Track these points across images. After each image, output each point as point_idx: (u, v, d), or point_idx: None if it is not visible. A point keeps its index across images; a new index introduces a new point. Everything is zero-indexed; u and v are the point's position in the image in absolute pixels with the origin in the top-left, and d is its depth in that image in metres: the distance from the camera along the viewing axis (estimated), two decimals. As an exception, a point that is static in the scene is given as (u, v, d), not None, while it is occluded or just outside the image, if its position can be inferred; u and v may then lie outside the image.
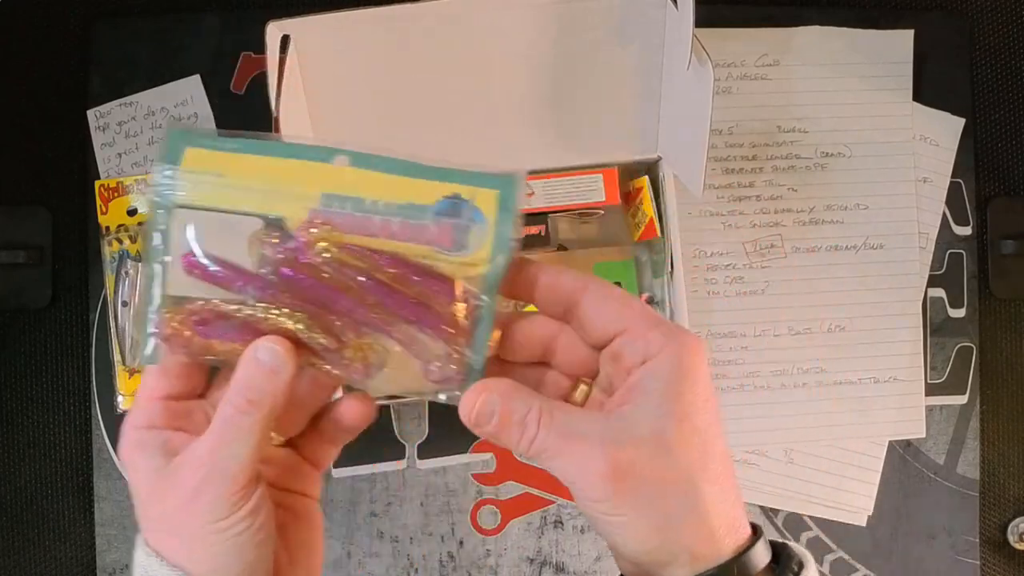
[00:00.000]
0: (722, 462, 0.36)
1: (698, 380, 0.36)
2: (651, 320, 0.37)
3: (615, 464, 0.35)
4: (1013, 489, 0.76)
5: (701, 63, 0.57)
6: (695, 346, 0.37)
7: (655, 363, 0.36)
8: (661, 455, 0.35)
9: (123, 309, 0.68)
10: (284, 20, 0.56)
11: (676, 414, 0.35)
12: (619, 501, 0.35)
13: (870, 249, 0.75)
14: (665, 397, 0.36)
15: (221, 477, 0.36)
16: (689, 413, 0.36)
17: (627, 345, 0.37)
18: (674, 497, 0.35)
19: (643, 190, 0.68)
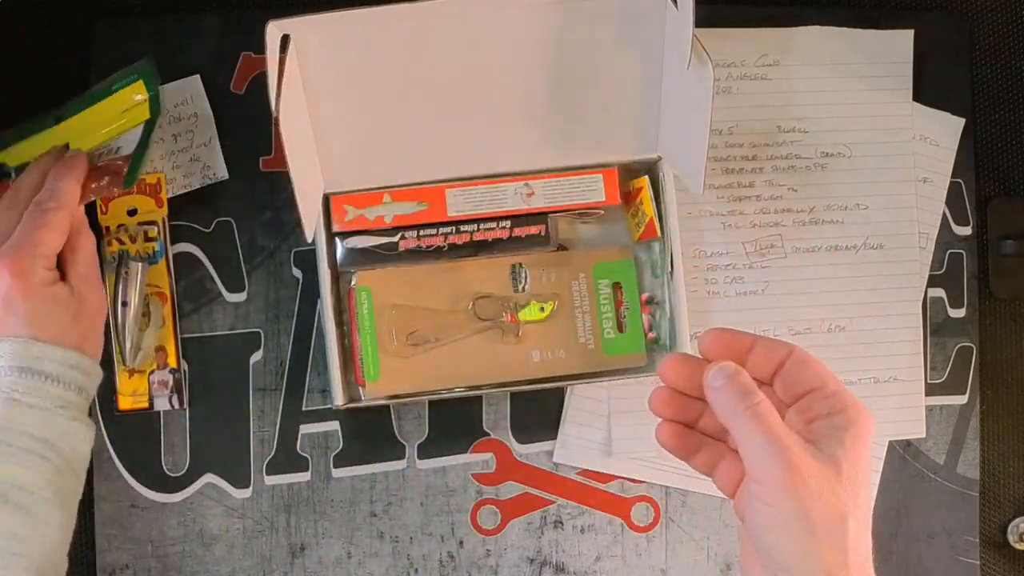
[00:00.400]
0: (867, 508, 0.43)
1: (867, 442, 0.44)
2: (841, 384, 0.45)
3: (798, 463, 0.41)
4: (1013, 489, 0.76)
5: (701, 63, 0.57)
6: (870, 416, 0.44)
7: (839, 417, 0.43)
8: (832, 479, 0.42)
9: (123, 309, 0.68)
10: (284, 20, 0.56)
11: (850, 458, 0.42)
12: (788, 498, 0.41)
13: (870, 249, 0.75)
14: (845, 440, 0.43)
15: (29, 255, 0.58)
16: (858, 462, 0.43)
17: (817, 401, 0.44)
18: (828, 519, 0.41)
19: (643, 190, 0.68)
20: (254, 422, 0.71)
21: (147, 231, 0.70)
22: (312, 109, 0.63)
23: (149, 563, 0.70)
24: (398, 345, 0.68)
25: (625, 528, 0.73)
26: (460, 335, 0.67)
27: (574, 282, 0.69)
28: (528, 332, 0.67)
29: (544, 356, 0.68)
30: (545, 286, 0.68)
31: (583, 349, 0.69)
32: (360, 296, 0.68)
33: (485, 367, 0.68)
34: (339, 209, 0.67)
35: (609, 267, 0.70)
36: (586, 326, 0.69)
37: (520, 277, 0.67)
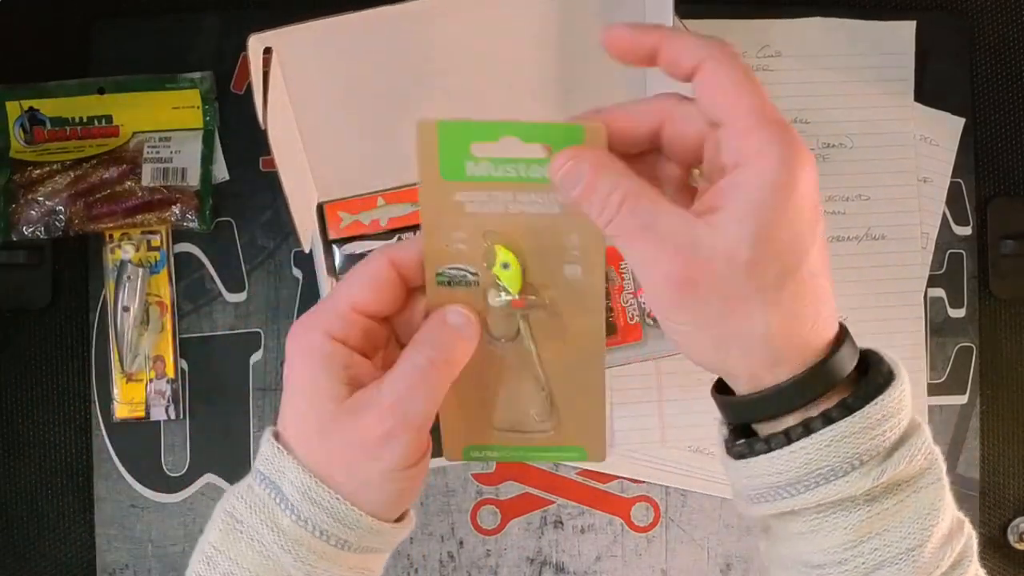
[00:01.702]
0: (803, 283, 0.34)
1: (791, 197, 0.33)
2: (759, 118, 0.33)
3: (684, 272, 0.33)
4: (1013, 489, 0.76)
5: None
6: (798, 159, 0.33)
7: (745, 172, 0.33)
8: (731, 275, 0.33)
9: (123, 314, 0.68)
10: (265, 32, 0.56)
11: (756, 235, 0.33)
12: (682, 310, 0.34)
13: (872, 240, 0.75)
14: (746, 215, 0.33)
15: (405, 429, 0.37)
16: (771, 234, 0.33)
17: (726, 142, 0.34)
18: (736, 319, 0.34)
19: None
20: (254, 422, 0.71)
21: (150, 240, 0.70)
22: (300, 119, 0.63)
23: (149, 563, 0.70)
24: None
25: (625, 528, 0.73)
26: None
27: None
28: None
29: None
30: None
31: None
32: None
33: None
34: (334, 216, 0.67)
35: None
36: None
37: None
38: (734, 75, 0.34)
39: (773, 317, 0.34)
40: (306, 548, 0.37)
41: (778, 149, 0.33)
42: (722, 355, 0.35)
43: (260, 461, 0.39)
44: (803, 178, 0.33)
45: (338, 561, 0.38)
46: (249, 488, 0.38)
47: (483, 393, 0.42)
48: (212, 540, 0.38)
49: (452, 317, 0.38)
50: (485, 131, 0.37)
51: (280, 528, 0.37)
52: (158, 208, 0.69)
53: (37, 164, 0.69)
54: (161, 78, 0.70)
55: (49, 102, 0.69)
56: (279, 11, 0.58)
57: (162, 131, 0.70)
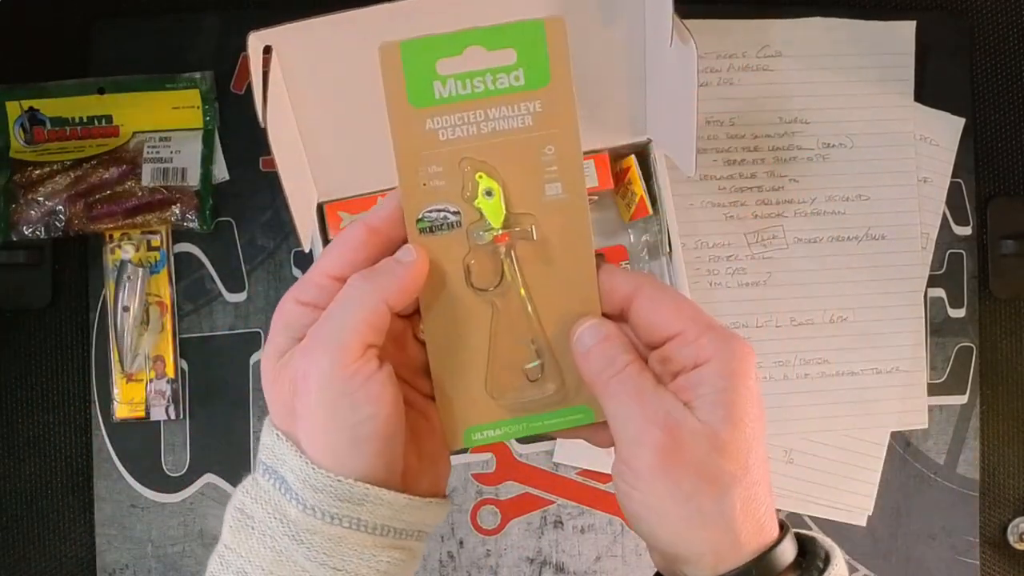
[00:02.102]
0: (761, 466, 0.37)
1: (748, 386, 0.37)
2: (703, 325, 0.37)
3: (669, 442, 0.36)
4: (1013, 489, 0.76)
5: (684, 41, 0.57)
6: (744, 352, 0.37)
7: (707, 369, 0.37)
8: (712, 455, 0.36)
9: (123, 314, 0.68)
10: (264, 30, 0.56)
11: (731, 419, 0.36)
12: (662, 478, 0.36)
13: (872, 239, 0.75)
14: (719, 403, 0.36)
15: (325, 350, 0.36)
16: (740, 418, 0.36)
17: (678, 350, 0.37)
18: (710, 498, 0.36)
19: (631, 169, 0.68)
20: (254, 422, 0.71)
21: (150, 240, 0.70)
22: (300, 119, 0.63)
23: (149, 563, 0.70)
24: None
25: (625, 528, 0.73)
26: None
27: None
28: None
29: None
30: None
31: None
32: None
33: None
34: (334, 217, 0.67)
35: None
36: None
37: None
38: (671, 294, 0.39)
39: (739, 498, 0.36)
40: (321, 536, 0.36)
41: (727, 345, 0.37)
42: (690, 531, 0.36)
43: (262, 450, 0.38)
44: (751, 366, 0.37)
45: (359, 546, 0.37)
46: (255, 481, 0.38)
47: (474, 358, 0.40)
48: (224, 538, 0.38)
49: (399, 252, 0.38)
50: (449, 44, 0.36)
51: (289, 519, 0.36)
52: (158, 208, 0.69)
53: (37, 164, 0.69)
54: (161, 78, 0.70)
55: (49, 102, 0.69)
56: (279, 11, 0.58)
57: (162, 131, 0.70)
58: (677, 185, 0.69)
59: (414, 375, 0.41)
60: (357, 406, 0.36)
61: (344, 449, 0.36)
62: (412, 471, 0.39)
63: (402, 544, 0.38)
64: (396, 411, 0.37)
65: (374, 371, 0.36)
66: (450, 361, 0.39)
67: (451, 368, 0.39)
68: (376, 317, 0.36)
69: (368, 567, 0.37)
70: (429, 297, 0.39)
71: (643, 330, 0.39)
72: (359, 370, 0.36)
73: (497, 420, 0.41)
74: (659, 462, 0.36)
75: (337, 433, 0.36)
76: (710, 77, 0.74)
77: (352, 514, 0.36)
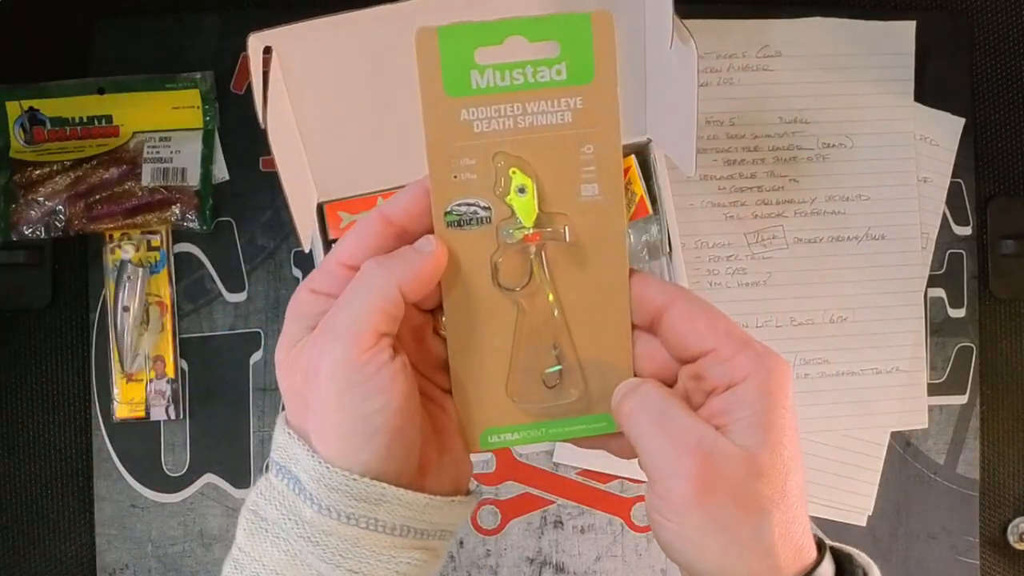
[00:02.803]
0: (798, 489, 0.36)
1: (786, 407, 0.36)
2: (738, 342, 0.36)
3: (705, 472, 0.34)
4: (1013, 489, 0.76)
5: (683, 42, 0.57)
6: (782, 371, 0.36)
7: (743, 389, 0.35)
8: (749, 481, 0.34)
9: (123, 314, 0.68)
10: (264, 31, 0.56)
11: (769, 443, 0.35)
12: (697, 511, 0.34)
13: (872, 240, 0.75)
14: (756, 425, 0.35)
15: (335, 338, 0.34)
16: (779, 441, 0.35)
17: (711, 367, 0.36)
18: (748, 525, 0.35)
19: (631, 169, 0.68)
20: (254, 422, 0.71)
21: (150, 240, 0.70)
22: (300, 119, 0.63)
23: (149, 563, 0.70)
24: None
25: (625, 528, 0.73)
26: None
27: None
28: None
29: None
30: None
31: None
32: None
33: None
34: (334, 217, 0.67)
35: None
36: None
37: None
38: (702, 308, 0.37)
39: (777, 523, 0.35)
40: (337, 537, 0.35)
41: (764, 364, 0.36)
42: (729, 560, 0.35)
43: (275, 449, 0.37)
44: (789, 386, 0.36)
45: (377, 547, 0.35)
46: (268, 481, 0.36)
47: (496, 358, 0.38)
48: (238, 541, 0.37)
49: (419, 242, 0.36)
50: (489, 33, 0.35)
51: (303, 520, 0.35)
52: (158, 208, 0.69)
53: (37, 164, 0.69)
54: (161, 78, 0.70)
55: (49, 102, 0.69)
56: (279, 11, 0.58)
57: (162, 131, 0.70)
58: (677, 185, 0.69)
59: (433, 371, 0.39)
60: (368, 396, 0.34)
61: (355, 441, 0.34)
62: (433, 467, 0.38)
63: (423, 544, 0.37)
64: (409, 403, 0.35)
65: (386, 361, 0.34)
66: (470, 360, 0.38)
67: (471, 367, 0.38)
68: (390, 304, 0.35)
69: (386, 568, 0.35)
70: (452, 292, 0.37)
71: (675, 344, 0.37)
72: (371, 359, 0.34)
73: (516, 424, 0.39)
74: (694, 493, 0.34)
75: (347, 424, 0.34)
76: (710, 77, 0.74)
77: (369, 514, 0.35)
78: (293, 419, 0.36)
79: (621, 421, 0.37)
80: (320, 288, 0.36)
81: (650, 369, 0.38)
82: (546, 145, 0.36)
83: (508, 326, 0.38)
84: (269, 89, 0.55)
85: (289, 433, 0.36)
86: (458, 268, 0.37)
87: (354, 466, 0.34)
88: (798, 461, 0.36)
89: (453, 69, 0.35)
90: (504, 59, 0.35)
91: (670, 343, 0.37)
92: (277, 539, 0.35)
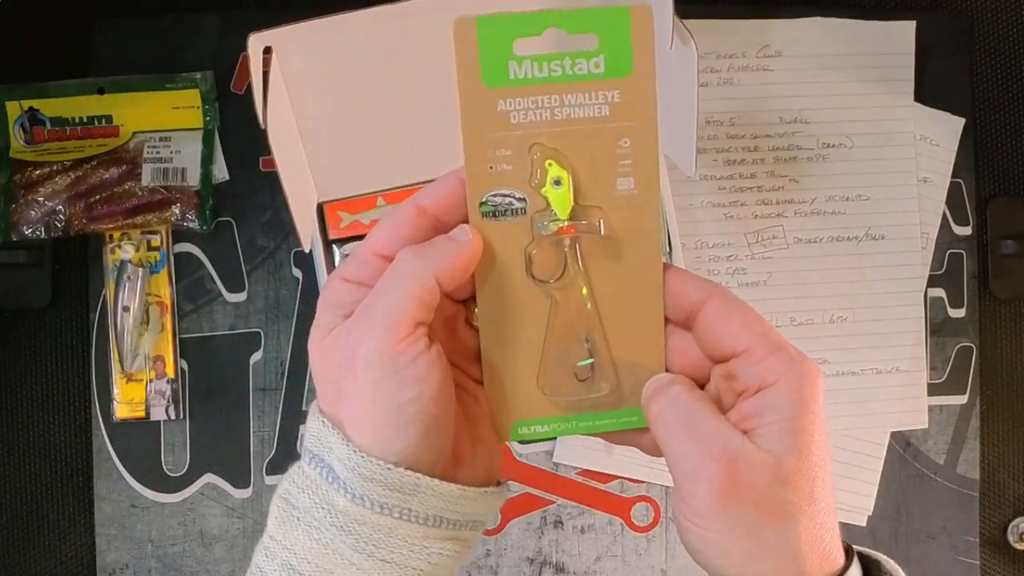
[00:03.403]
0: (827, 495, 0.36)
1: (816, 412, 0.35)
2: (772, 344, 0.36)
3: (726, 478, 0.34)
4: (1013, 489, 0.76)
5: (684, 42, 0.57)
6: (814, 376, 0.36)
7: (773, 393, 0.35)
8: (775, 487, 0.34)
9: (123, 314, 0.69)
10: (264, 31, 0.56)
11: (797, 449, 0.35)
12: (720, 516, 0.35)
13: (872, 240, 0.75)
14: (785, 431, 0.35)
15: (373, 326, 0.34)
16: (808, 447, 0.35)
17: (743, 368, 0.36)
18: (773, 531, 0.35)
19: None
20: (254, 422, 0.71)
21: (150, 240, 0.70)
22: (300, 119, 0.63)
23: (149, 563, 0.70)
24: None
25: (625, 528, 0.73)
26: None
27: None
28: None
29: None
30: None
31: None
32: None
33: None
34: (334, 217, 0.67)
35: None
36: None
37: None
38: (738, 307, 0.37)
39: (804, 528, 0.35)
40: (370, 527, 0.35)
41: (796, 369, 0.35)
42: (752, 565, 0.35)
43: (308, 438, 0.36)
44: (820, 391, 0.36)
45: (409, 537, 0.35)
46: (300, 470, 0.36)
47: (528, 350, 0.38)
48: (269, 528, 0.37)
49: (455, 231, 0.36)
50: (528, 23, 0.35)
51: (336, 509, 0.35)
52: (158, 208, 0.69)
53: (37, 164, 0.69)
54: (161, 78, 0.70)
55: (49, 102, 0.69)
56: (279, 11, 0.58)
57: (162, 131, 0.70)
58: (677, 185, 0.69)
59: (466, 361, 0.39)
60: (404, 385, 0.34)
61: (390, 430, 0.34)
62: (466, 457, 0.38)
63: (456, 535, 0.37)
64: (444, 392, 0.35)
65: (423, 350, 0.34)
66: (503, 351, 0.38)
67: (503, 358, 0.38)
68: (427, 293, 0.35)
69: (419, 559, 0.35)
70: (486, 283, 0.37)
71: (708, 342, 0.37)
72: (408, 348, 0.34)
73: (547, 416, 0.39)
74: (718, 498, 0.34)
75: (384, 414, 0.34)
76: (710, 77, 0.74)
77: (403, 504, 0.35)
78: (327, 407, 0.36)
79: (649, 421, 0.37)
80: (353, 277, 0.36)
81: (682, 365, 0.38)
82: (583, 138, 0.36)
83: (541, 318, 0.38)
84: (269, 89, 0.55)
85: (323, 421, 0.36)
86: (492, 259, 0.37)
87: (388, 455, 0.34)
88: (827, 467, 0.36)
89: (491, 59, 0.35)
90: (542, 50, 0.35)
91: (704, 341, 0.37)
92: (309, 528, 0.35)
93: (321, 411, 0.36)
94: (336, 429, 0.35)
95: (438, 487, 0.35)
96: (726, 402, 0.37)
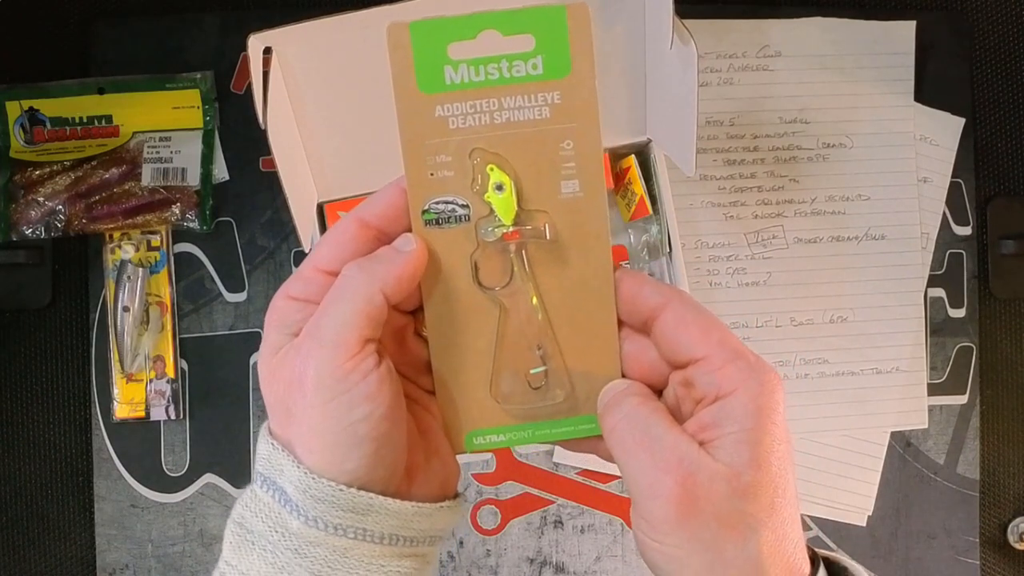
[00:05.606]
0: (789, 506, 0.35)
1: (776, 422, 0.35)
2: (730, 352, 0.35)
3: (683, 492, 0.33)
4: (1013, 489, 0.76)
5: (684, 42, 0.57)
6: (773, 385, 0.35)
7: (731, 402, 0.34)
8: (734, 500, 0.34)
9: (123, 314, 0.69)
10: (265, 32, 0.56)
11: (755, 461, 0.34)
12: (678, 531, 0.34)
13: (872, 240, 0.75)
14: (743, 442, 0.34)
15: (321, 346, 0.34)
16: (766, 458, 0.34)
17: (701, 376, 0.35)
18: (734, 544, 0.34)
19: (631, 169, 0.68)
20: (254, 422, 0.71)
21: (150, 240, 0.70)
22: (300, 119, 0.63)
23: (149, 563, 0.70)
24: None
25: (625, 528, 0.73)
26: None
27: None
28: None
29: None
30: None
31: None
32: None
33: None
34: (334, 217, 0.67)
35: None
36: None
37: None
38: (696, 313, 0.36)
39: (765, 541, 0.34)
40: (325, 548, 0.34)
41: (754, 377, 0.34)
42: (715, 573, 0.34)
43: (259, 461, 0.36)
44: (780, 400, 0.35)
45: (366, 557, 0.35)
46: (253, 493, 0.36)
47: (479, 359, 0.37)
48: (224, 554, 0.36)
49: (398, 241, 0.36)
50: (462, 27, 0.34)
51: (290, 531, 0.34)
52: (158, 208, 0.69)
53: (37, 164, 0.69)
54: (161, 78, 0.70)
55: (49, 102, 0.69)
56: (279, 11, 0.58)
57: (162, 131, 0.70)
58: (677, 185, 0.69)
59: (417, 372, 0.39)
60: (354, 404, 0.33)
61: (341, 450, 0.34)
62: (420, 470, 0.37)
63: (413, 552, 0.36)
64: (395, 408, 0.35)
65: (372, 367, 0.34)
66: (453, 361, 0.37)
67: (454, 368, 0.37)
68: (373, 308, 0.34)
69: None
70: (433, 292, 0.37)
71: (666, 348, 0.36)
72: (357, 366, 0.34)
73: (501, 425, 0.38)
74: (675, 513, 0.33)
75: (334, 434, 0.34)
76: (710, 77, 0.74)
77: (357, 524, 0.34)
78: (277, 429, 0.36)
79: (604, 434, 0.37)
80: (299, 295, 0.36)
81: (638, 370, 0.38)
82: (524, 141, 0.35)
83: (491, 326, 0.37)
84: (269, 89, 0.55)
85: (273, 444, 0.35)
86: (438, 268, 0.36)
87: (340, 475, 0.34)
88: (788, 477, 0.35)
89: (426, 65, 0.34)
90: (478, 54, 0.34)
91: (662, 347, 0.36)
92: (264, 551, 0.35)
93: (271, 432, 0.36)
94: (287, 451, 0.35)
95: (392, 505, 0.35)
96: (684, 410, 0.36)
